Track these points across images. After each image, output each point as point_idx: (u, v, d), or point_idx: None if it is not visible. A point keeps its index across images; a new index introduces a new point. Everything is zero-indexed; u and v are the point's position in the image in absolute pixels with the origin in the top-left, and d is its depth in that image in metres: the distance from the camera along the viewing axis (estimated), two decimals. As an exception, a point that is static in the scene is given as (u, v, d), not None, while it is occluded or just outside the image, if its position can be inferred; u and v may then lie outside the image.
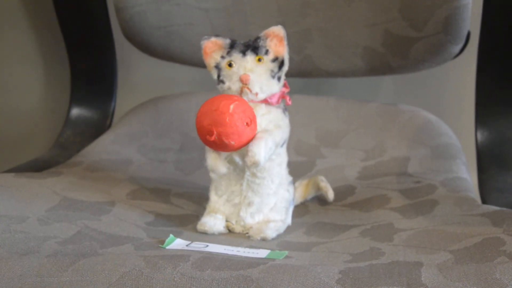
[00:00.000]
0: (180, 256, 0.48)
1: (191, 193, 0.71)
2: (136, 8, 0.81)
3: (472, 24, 0.79)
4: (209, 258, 0.48)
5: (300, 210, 0.67)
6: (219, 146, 0.54)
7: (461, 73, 0.95)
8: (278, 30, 0.59)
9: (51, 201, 0.61)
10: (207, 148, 0.57)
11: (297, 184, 0.69)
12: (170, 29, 0.83)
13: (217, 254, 0.50)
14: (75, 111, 0.93)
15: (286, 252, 0.53)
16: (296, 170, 0.76)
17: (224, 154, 0.57)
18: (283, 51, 0.60)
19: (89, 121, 0.93)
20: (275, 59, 0.59)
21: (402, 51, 0.79)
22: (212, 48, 0.60)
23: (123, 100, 0.98)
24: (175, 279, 0.45)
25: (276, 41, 0.59)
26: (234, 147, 0.55)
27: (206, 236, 0.58)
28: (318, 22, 0.81)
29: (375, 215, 0.62)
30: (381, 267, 0.47)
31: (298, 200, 0.69)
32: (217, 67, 0.59)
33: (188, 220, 0.62)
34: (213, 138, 0.54)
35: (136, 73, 1.01)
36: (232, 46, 0.59)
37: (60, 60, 0.99)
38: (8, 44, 1.02)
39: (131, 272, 0.46)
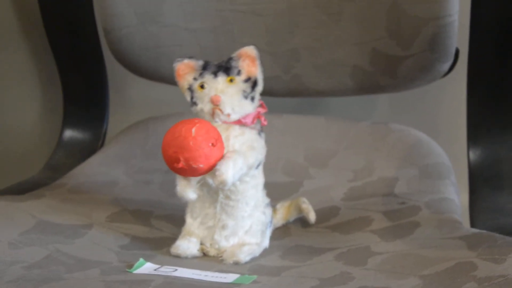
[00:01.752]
0: (141, 281, 0.48)
1: (173, 215, 0.70)
2: (124, 30, 0.81)
3: (462, 41, 0.77)
4: (170, 284, 0.47)
5: (281, 232, 0.66)
6: (188, 171, 0.54)
7: (456, 91, 0.93)
8: (250, 51, 0.59)
9: (26, 224, 0.60)
10: (177, 175, 0.56)
11: (279, 206, 0.68)
12: (158, 50, 0.83)
13: (181, 279, 0.49)
14: (68, 133, 0.94)
15: (254, 277, 0.51)
16: (282, 191, 0.76)
17: (195, 179, 0.56)
18: (256, 71, 0.59)
19: (81, 143, 0.93)
20: (247, 80, 0.59)
21: (390, 70, 0.78)
22: (185, 70, 0.59)
23: (116, 122, 0.98)
24: (132, 306, 0.44)
25: (249, 62, 0.59)
26: (204, 170, 0.54)
27: (179, 259, 0.57)
28: (306, 41, 0.80)
29: (353, 238, 0.61)
30: (346, 293, 0.46)
31: (280, 222, 0.67)
32: (190, 89, 0.59)
33: (164, 243, 0.62)
34: (180, 165, 0.53)
35: (129, 94, 1.01)
36: (204, 67, 0.59)
37: (55, 82, 1.00)
38: (6, 65, 1.03)
39: (88, 298, 0.45)
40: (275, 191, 0.76)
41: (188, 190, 0.55)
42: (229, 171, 0.53)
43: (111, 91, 0.95)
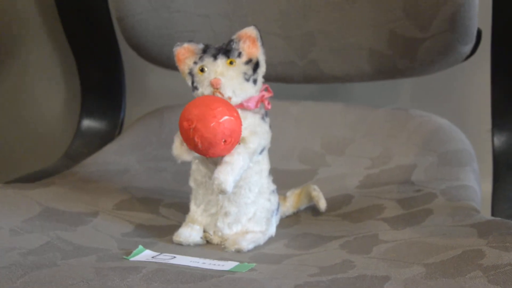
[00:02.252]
0: (134, 268, 0.46)
1: (183, 203, 0.69)
2: (136, 17, 0.80)
3: (485, 22, 0.74)
4: (162, 271, 0.46)
5: (291, 220, 0.64)
6: (188, 139, 0.53)
7: (481, 75, 0.89)
8: (250, 31, 0.57)
9: (30, 211, 0.60)
10: (177, 133, 0.55)
11: (289, 193, 0.66)
12: (172, 36, 0.82)
13: (176, 267, 0.48)
14: (86, 123, 0.94)
15: (253, 265, 0.50)
16: (296, 179, 0.74)
17: None
18: (257, 53, 0.57)
19: (99, 132, 0.93)
20: (248, 61, 0.57)
21: (409, 53, 0.75)
22: (185, 55, 0.58)
23: (133, 111, 0.97)
24: (120, 292, 0.43)
25: (249, 43, 0.57)
26: (199, 150, 0.52)
27: (180, 247, 0.56)
28: (320, 25, 0.78)
29: (363, 226, 0.58)
30: (343, 281, 0.44)
31: (290, 210, 0.65)
32: (191, 73, 0.57)
33: (169, 231, 0.60)
34: (188, 127, 0.52)
35: (146, 83, 1.01)
36: (204, 51, 0.57)
37: (75, 72, 1.00)
38: (27, 57, 1.03)
39: (77, 284, 0.44)
40: (289, 179, 0.75)
41: (183, 151, 0.55)
42: (228, 179, 0.52)
43: (127, 80, 0.94)
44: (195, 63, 0.57)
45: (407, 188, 0.67)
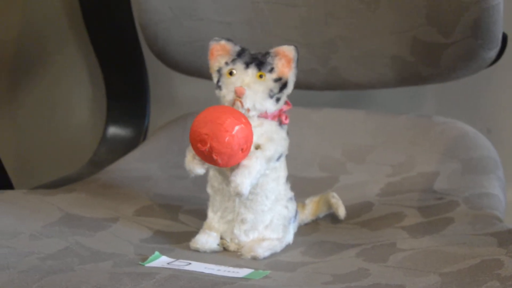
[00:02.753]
0: (148, 274, 0.47)
1: (202, 210, 0.69)
2: (159, 25, 0.81)
3: (511, 26, 0.72)
4: (176, 277, 0.46)
5: (309, 228, 0.64)
6: (206, 157, 0.52)
7: (508, 81, 0.87)
8: (288, 51, 0.56)
9: (51, 217, 0.61)
10: (189, 148, 0.55)
11: (308, 201, 0.65)
12: (194, 44, 0.83)
13: (190, 273, 0.48)
14: (111, 130, 0.95)
15: (267, 272, 0.49)
16: (317, 187, 0.73)
17: None
18: (289, 73, 0.57)
19: (123, 139, 0.94)
20: (278, 79, 0.56)
21: (432, 59, 0.74)
22: (219, 52, 0.58)
23: (158, 118, 0.98)
24: (132, 297, 0.43)
25: (284, 62, 0.56)
26: (219, 165, 0.53)
27: (197, 254, 0.56)
28: (342, 32, 0.77)
29: (381, 234, 0.58)
30: (356, 290, 0.43)
31: (309, 217, 0.65)
32: (219, 71, 0.57)
33: (186, 238, 0.60)
34: (203, 148, 0.52)
35: (170, 91, 1.02)
36: (239, 54, 0.57)
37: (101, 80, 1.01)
38: (55, 65, 1.05)
39: (91, 289, 0.45)
40: (309, 187, 0.74)
41: (195, 164, 0.55)
42: (245, 182, 0.52)
43: (152, 88, 0.95)
44: (227, 63, 0.57)
45: (428, 196, 0.66)
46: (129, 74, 0.94)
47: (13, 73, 1.06)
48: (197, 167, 0.55)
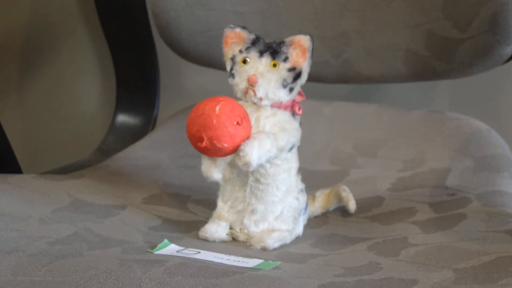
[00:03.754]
0: (157, 261, 0.46)
1: (211, 200, 0.68)
2: (172, 14, 0.81)
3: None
4: (185, 265, 0.46)
5: (319, 220, 0.63)
6: (212, 151, 0.52)
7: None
8: (304, 40, 0.56)
9: (60, 202, 0.61)
10: (202, 154, 0.54)
11: (318, 193, 0.65)
12: (206, 34, 0.82)
13: (200, 261, 0.47)
14: (120, 118, 0.94)
15: (277, 263, 0.49)
16: (327, 180, 0.73)
17: (221, 159, 0.54)
18: (303, 63, 0.56)
19: (132, 127, 0.93)
20: (292, 69, 0.55)
21: (447, 54, 0.73)
22: (234, 39, 0.57)
23: (167, 107, 0.97)
24: (142, 284, 0.43)
25: (299, 51, 0.56)
26: (229, 150, 0.52)
27: (206, 243, 0.56)
28: (356, 24, 0.77)
29: (393, 229, 0.57)
30: (369, 283, 0.43)
31: (319, 210, 0.64)
32: (233, 59, 0.57)
33: (195, 227, 0.60)
34: (204, 144, 0.51)
35: (180, 80, 1.01)
36: (253, 42, 0.56)
37: (111, 68, 1.01)
38: (67, 53, 1.05)
39: (100, 274, 0.44)
40: (319, 180, 0.74)
41: (213, 170, 0.53)
42: (253, 151, 0.51)
43: (162, 77, 0.95)
44: (241, 51, 0.56)
45: (440, 192, 0.65)
46: (139, 62, 0.93)
47: (23, 60, 1.06)
48: (214, 172, 0.53)
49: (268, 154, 0.53)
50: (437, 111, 0.78)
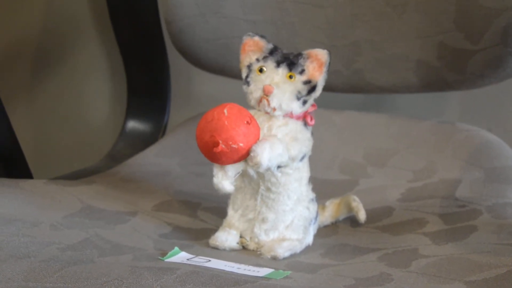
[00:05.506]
0: (168, 269, 0.46)
1: (221, 207, 0.68)
2: (184, 21, 0.81)
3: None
4: (197, 273, 0.46)
5: (328, 230, 0.63)
6: (229, 154, 0.52)
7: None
8: (321, 54, 0.56)
9: (71, 208, 0.61)
10: (214, 165, 0.54)
11: (328, 203, 0.65)
12: (218, 42, 0.82)
13: (210, 270, 0.47)
14: (130, 124, 0.95)
15: (288, 272, 0.49)
16: (336, 189, 0.73)
17: (233, 170, 0.54)
18: (319, 77, 0.56)
19: (142, 134, 0.94)
20: (307, 82, 0.56)
21: (459, 65, 0.73)
22: (252, 47, 0.57)
23: (178, 114, 0.98)
24: (153, 292, 0.43)
25: (316, 65, 0.56)
26: (245, 150, 0.51)
27: (216, 251, 0.56)
28: (367, 34, 0.77)
29: (403, 240, 0.57)
30: (380, 295, 0.43)
31: (328, 220, 0.64)
32: (249, 67, 0.57)
33: (205, 235, 0.60)
34: (220, 148, 0.51)
35: (191, 87, 1.01)
36: (271, 52, 0.57)
37: (122, 74, 1.01)
38: (79, 58, 1.06)
39: (112, 281, 0.44)
40: (329, 189, 0.74)
41: (225, 181, 0.53)
42: (264, 152, 0.51)
43: (173, 84, 0.95)
44: (258, 60, 0.57)
45: (450, 203, 0.65)
46: (151, 69, 0.94)
47: (35, 66, 1.06)
48: (226, 184, 0.53)
49: (279, 158, 0.53)
50: (448, 121, 0.78)
